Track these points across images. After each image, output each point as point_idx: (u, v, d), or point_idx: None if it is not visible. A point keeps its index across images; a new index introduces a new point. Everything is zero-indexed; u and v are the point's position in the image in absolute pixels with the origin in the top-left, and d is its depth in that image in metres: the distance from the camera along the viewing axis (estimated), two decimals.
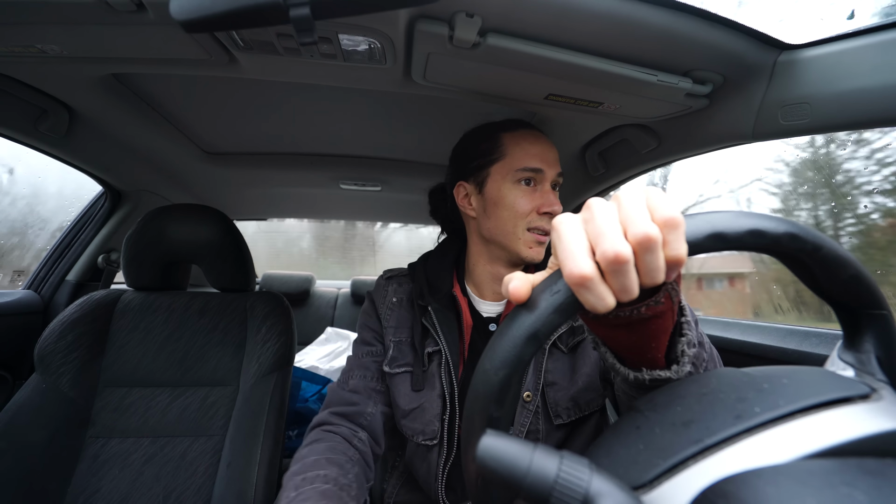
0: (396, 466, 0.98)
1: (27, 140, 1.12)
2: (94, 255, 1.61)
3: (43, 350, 1.09)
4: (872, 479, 0.25)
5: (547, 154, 0.85)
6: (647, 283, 0.32)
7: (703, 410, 0.33)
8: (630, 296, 0.32)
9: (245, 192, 1.82)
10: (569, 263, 0.32)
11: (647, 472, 0.30)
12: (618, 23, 0.67)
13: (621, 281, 0.31)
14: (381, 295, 0.96)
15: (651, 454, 0.32)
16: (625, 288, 0.31)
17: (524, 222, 0.82)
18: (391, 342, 0.90)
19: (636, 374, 0.46)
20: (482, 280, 0.91)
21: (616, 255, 0.30)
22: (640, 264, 0.31)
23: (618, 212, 0.33)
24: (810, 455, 0.27)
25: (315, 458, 0.74)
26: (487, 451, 0.29)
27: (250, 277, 1.32)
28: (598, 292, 0.31)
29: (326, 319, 2.74)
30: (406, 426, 0.86)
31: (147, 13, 0.65)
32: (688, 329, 0.45)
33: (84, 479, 1.03)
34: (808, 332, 0.93)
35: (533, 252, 0.83)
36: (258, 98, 1.10)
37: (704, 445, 0.30)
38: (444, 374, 0.84)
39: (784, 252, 0.36)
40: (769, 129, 0.82)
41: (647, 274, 0.32)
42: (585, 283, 0.31)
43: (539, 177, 0.84)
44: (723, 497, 0.26)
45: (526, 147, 0.85)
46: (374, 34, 0.71)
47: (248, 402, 1.13)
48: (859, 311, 0.37)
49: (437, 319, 0.86)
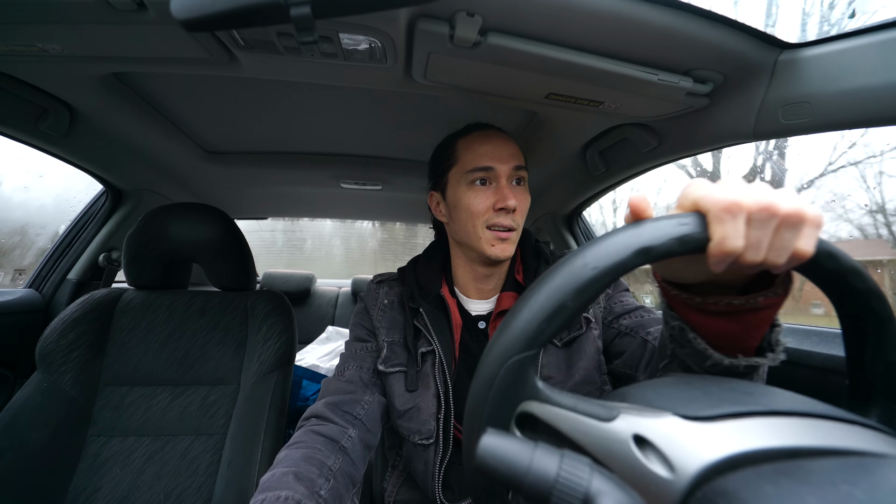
0: (396, 465, 0.99)
1: (28, 139, 1.12)
2: (95, 254, 1.61)
3: (44, 349, 1.09)
4: (871, 477, 0.25)
5: (498, 151, 0.86)
6: (771, 259, 0.32)
7: (763, 392, 0.33)
8: (756, 256, 0.32)
9: (246, 191, 1.82)
10: (719, 192, 0.32)
11: (711, 410, 0.30)
12: (618, 22, 0.67)
13: (759, 235, 0.31)
14: (373, 298, 0.97)
15: (713, 399, 0.32)
16: (759, 244, 0.32)
17: (482, 221, 0.83)
18: (384, 342, 0.90)
19: (732, 360, 0.45)
20: (465, 280, 0.93)
21: (771, 202, 0.31)
22: (777, 236, 0.32)
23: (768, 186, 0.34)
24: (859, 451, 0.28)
25: (283, 470, 0.67)
26: (488, 450, 0.29)
27: (251, 276, 1.33)
28: (737, 228, 0.31)
29: (327, 318, 2.74)
30: (402, 426, 0.87)
31: (148, 12, 0.65)
32: (780, 320, 0.46)
33: (85, 478, 1.03)
34: (808, 330, 0.93)
35: (496, 249, 0.83)
36: (259, 97, 1.10)
37: (773, 409, 0.30)
38: (439, 373, 0.85)
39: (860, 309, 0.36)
40: (770, 128, 0.82)
41: (776, 249, 0.32)
42: (734, 210, 0.31)
43: (491, 175, 0.85)
44: (723, 495, 0.26)
45: (475, 148, 0.86)
46: (375, 33, 0.71)
47: (249, 400, 1.13)
48: (878, 397, 0.37)
49: (428, 320, 0.87)
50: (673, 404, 0.31)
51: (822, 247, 0.34)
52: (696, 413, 0.30)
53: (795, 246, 0.32)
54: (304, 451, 0.72)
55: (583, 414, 0.31)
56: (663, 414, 0.30)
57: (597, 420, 0.31)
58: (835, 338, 0.87)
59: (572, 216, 1.77)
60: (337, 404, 0.82)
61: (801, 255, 0.33)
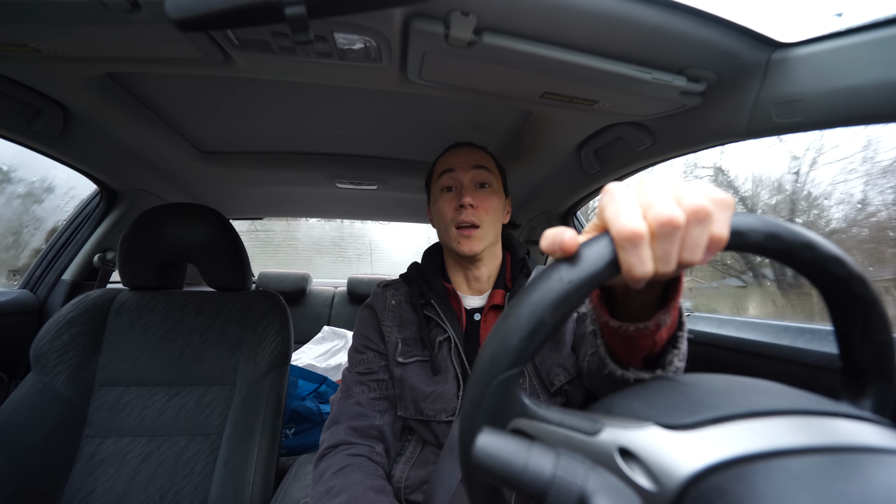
0: (402, 453, 1.00)
1: (22, 139, 1.11)
2: (89, 254, 1.60)
3: (39, 349, 1.09)
4: (865, 474, 0.25)
5: (460, 159, 0.98)
6: (686, 258, 0.32)
7: (745, 390, 0.33)
8: (668, 267, 0.32)
9: (241, 191, 1.82)
10: (621, 219, 0.32)
11: (691, 416, 0.30)
12: (612, 21, 0.68)
13: (666, 248, 0.32)
14: (381, 301, 1.03)
15: (695, 405, 0.32)
16: (667, 256, 0.32)
17: (450, 223, 0.95)
18: (398, 339, 0.97)
19: (623, 373, 0.49)
20: (458, 277, 1.03)
21: (670, 217, 0.31)
22: (686, 237, 0.32)
23: (671, 186, 0.34)
24: (850, 447, 0.28)
25: (362, 488, 0.77)
26: (485, 450, 0.29)
27: (246, 276, 1.32)
28: (642, 254, 0.31)
29: (323, 318, 2.74)
30: (427, 408, 0.91)
31: (142, 12, 0.65)
32: (681, 343, 0.48)
33: (80, 479, 1.03)
34: (801, 328, 0.93)
35: (462, 246, 0.93)
36: (254, 97, 1.09)
37: (754, 410, 0.30)
38: (455, 357, 0.92)
39: (843, 294, 0.36)
40: (763, 127, 0.83)
41: (689, 248, 0.32)
42: (634, 240, 0.31)
43: (453, 179, 0.97)
44: (718, 493, 0.26)
45: (442, 160, 1.01)
46: (370, 33, 0.71)
47: (245, 400, 1.13)
48: (871, 378, 0.37)
49: (441, 310, 0.95)
50: (656, 413, 0.32)
51: (798, 237, 0.34)
52: (678, 421, 0.30)
53: (709, 238, 0.32)
54: (364, 472, 0.82)
55: (569, 428, 0.32)
56: (646, 425, 0.30)
57: (583, 434, 0.31)
58: (827, 335, 0.88)
59: (567, 215, 1.78)
60: (356, 430, 0.90)
61: (717, 243, 0.33)
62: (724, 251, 0.34)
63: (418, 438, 0.96)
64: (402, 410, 0.94)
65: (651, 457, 0.29)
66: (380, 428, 0.92)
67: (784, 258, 0.35)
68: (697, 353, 1.18)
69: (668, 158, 1.13)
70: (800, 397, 0.32)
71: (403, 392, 0.93)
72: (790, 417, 0.30)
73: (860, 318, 0.36)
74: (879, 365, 0.37)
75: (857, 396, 0.38)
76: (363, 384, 0.95)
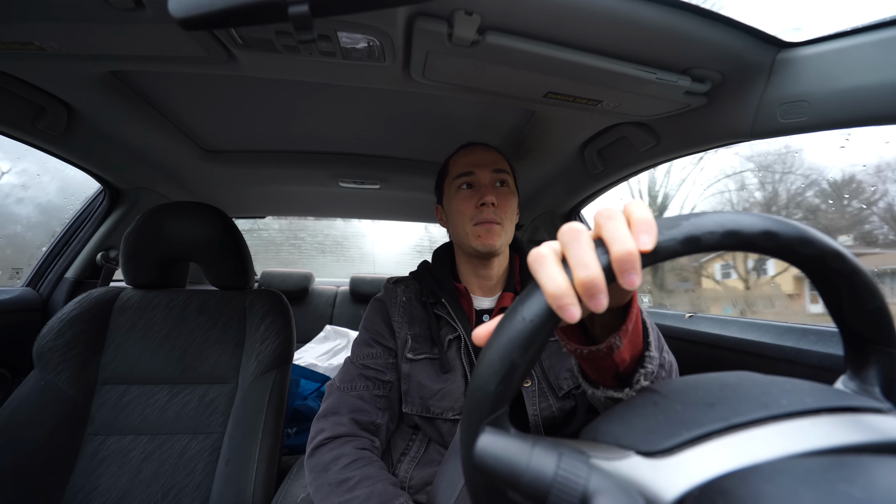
0: (406, 452, 1.00)
1: (25, 137, 1.11)
2: (92, 252, 1.60)
3: (41, 347, 1.09)
4: (869, 475, 0.25)
5: (479, 159, 0.99)
6: (621, 282, 0.33)
7: (727, 397, 0.33)
8: (600, 309, 0.33)
9: (244, 189, 1.82)
10: (548, 286, 0.33)
11: (668, 440, 0.30)
12: (617, 21, 0.67)
13: (592, 290, 0.32)
14: (392, 296, 1.04)
15: (672, 425, 0.32)
16: (597, 305, 0.32)
17: (469, 220, 0.95)
18: (408, 335, 0.97)
19: (594, 391, 0.52)
20: (468, 278, 1.03)
21: (587, 262, 0.32)
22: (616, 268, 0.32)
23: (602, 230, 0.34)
24: (837, 448, 0.28)
25: (383, 484, 0.79)
26: (487, 449, 0.29)
27: (249, 275, 1.32)
28: (571, 312, 0.32)
29: (325, 317, 2.74)
30: (434, 405, 0.92)
31: (145, 11, 0.65)
32: (649, 362, 0.51)
33: (83, 477, 1.03)
34: (805, 329, 0.93)
35: (482, 241, 0.93)
36: (257, 96, 1.09)
37: (731, 423, 0.30)
38: (464, 356, 0.93)
39: (822, 271, 0.36)
40: (768, 127, 0.82)
41: (621, 274, 0.32)
42: (561, 301, 0.32)
43: (473, 179, 0.97)
44: (721, 494, 0.26)
45: (459, 159, 1.02)
46: (373, 32, 0.71)
47: (247, 399, 1.13)
48: (871, 345, 0.37)
49: (451, 309, 0.96)
50: (635, 439, 0.32)
51: (757, 226, 0.33)
52: (655, 447, 0.30)
53: (638, 252, 0.32)
54: (377, 465, 0.84)
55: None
56: (626, 454, 0.30)
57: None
58: (832, 336, 0.88)
59: (570, 215, 1.77)
60: (357, 422, 0.90)
61: (645, 254, 0.33)
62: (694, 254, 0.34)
63: (423, 437, 0.96)
64: (409, 407, 0.94)
65: (635, 487, 0.29)
66: (379, 426, 0.92)
67: (750, 250, 0.35)
68: (701, 354, 1.17)
69: (671, 158, 1.13)
70: (781, 395, 0.32)
71: (410, 388, 0.94)
72: (770, 425, 0.30)
73: (846, 291, 0.36)
74: (876, 330, 0.37)
75: (862, 366, 0.38)
76: (368, 379, 0.95)
